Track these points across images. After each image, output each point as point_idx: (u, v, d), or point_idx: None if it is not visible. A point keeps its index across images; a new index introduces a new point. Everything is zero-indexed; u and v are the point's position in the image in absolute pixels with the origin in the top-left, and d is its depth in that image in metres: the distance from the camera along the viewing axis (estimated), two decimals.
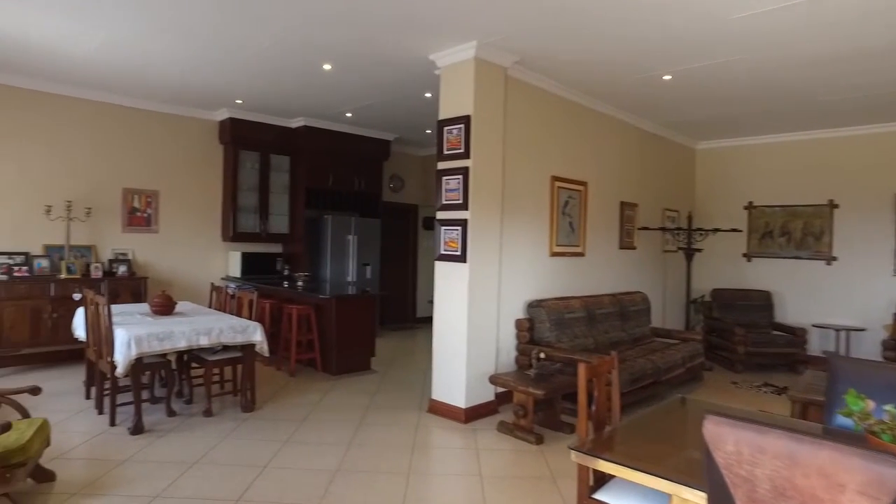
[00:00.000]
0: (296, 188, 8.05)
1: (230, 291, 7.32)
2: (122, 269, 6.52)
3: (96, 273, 6.33)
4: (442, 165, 4.95)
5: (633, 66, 5.05)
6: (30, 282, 5.95)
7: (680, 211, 8.27)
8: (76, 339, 5.26)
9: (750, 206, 8.19)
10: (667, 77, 5.27)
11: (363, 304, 6.44)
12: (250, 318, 4.98)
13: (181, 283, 7.33)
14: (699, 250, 7.42)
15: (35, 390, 3.45)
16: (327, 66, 5.41)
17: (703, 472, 1.52)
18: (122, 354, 4.04)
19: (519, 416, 4.44)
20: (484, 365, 4.95)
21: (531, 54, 4.86)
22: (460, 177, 4.78)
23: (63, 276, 6.16)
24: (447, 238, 4.87)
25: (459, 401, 4.80)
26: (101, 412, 4.60)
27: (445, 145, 4.91)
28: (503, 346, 5.25)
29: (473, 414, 4.83)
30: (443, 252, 4.92)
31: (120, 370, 4.04)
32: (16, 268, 5.98)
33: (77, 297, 6.06)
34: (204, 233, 7.59)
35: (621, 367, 4.89)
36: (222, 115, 7.47)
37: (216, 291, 5.85)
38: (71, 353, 6.12)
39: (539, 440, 4.31)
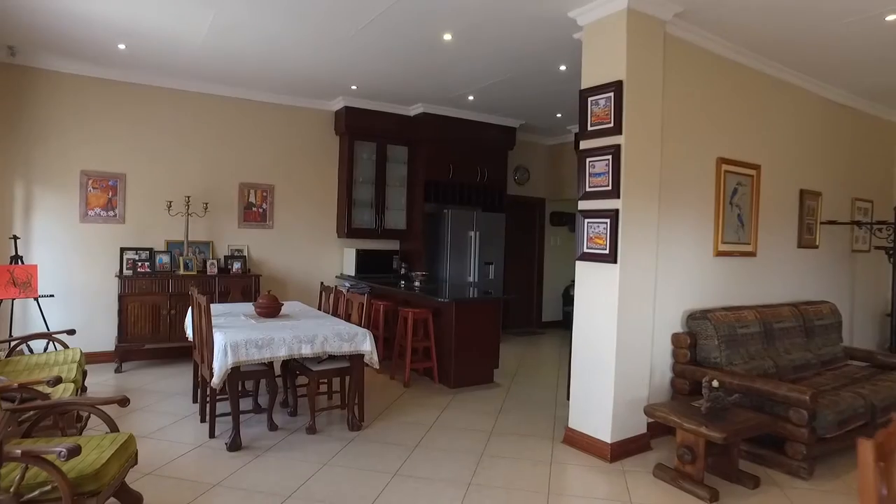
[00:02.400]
0: (414, 181, 7.50)
1: (344, 291, 6.93)
2: (236, 266, 6.31)
3: (212, 269, 6.15)
4: (586, 144, 4.05)
5: (844, 5, 3.82)
6: (150, 277, 5.86)
7: (874, 201, 6.65)
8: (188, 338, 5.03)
9: None
10: (891, 17, 3.95)
11: (486, 309, 5.70)
12: (360, 324, 4.42)
13: (295, 282, 7.05)
14: None
15: (123, 402, 3.04)
16: (447, 37, 4.72)
17: None
18: (218, 362, 3.60)
19: (684, 460, 3.45)
20: (635, 389, 4.00)
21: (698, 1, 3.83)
22: (609, 158, 3.86)
23: (181, 272, 6.03)
24: (592, 233, 3.98)
25: (604, 433, 3.89)
26: (202, 420, 4.24)
27: (590, 120, 4.01)
28: (656, 367, 4.25)
29: (621, 450, 3.90)
30: (586, 250, 4.03)
31: (215, 380, 3.60)
32: (140, 263, 5.93)
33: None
34: (319, 229, 7.26)
35: (821, 403, 3.72)
36: (338, 104, 7.08)
37: (325, 292, 5.38)
38: (188, 350, 5.97)
39: (713, 496, 3.29)
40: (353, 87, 6.44)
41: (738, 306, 4.74)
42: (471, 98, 6.73)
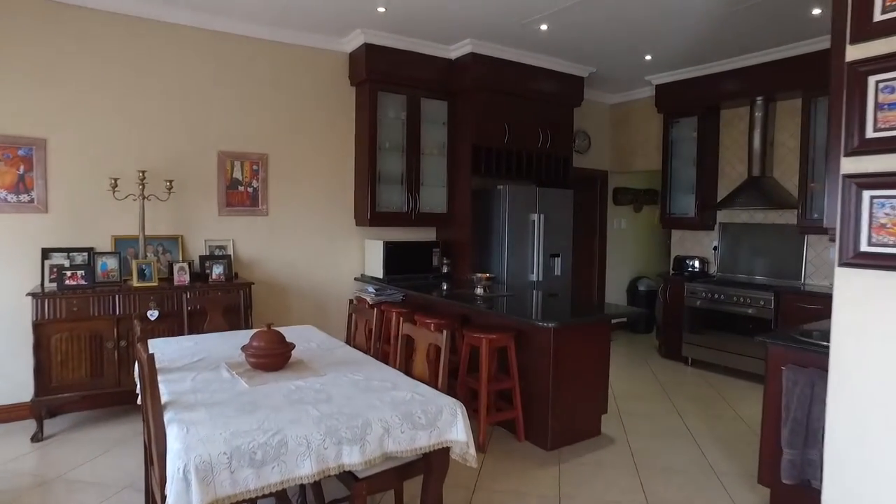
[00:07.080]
0: (457, 146, 5.55)
1: (369, 300, 5.05)
2: (217, 271, 4.37)
3: (181, 278, 4.22)
4: (863, 51, 2.12)
5: None
6: (87, 293, 3.91)
7: None
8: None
9: None
10: None
11: (595, 334, 3.83)
12: (437, 381, 2.51)
13: (299, 289, 5.12)
14: None
15: None
16: None
17: None
18: (173, 498, 1.70)
19: None
20: None
21: None
22: None
23: (134, 283, 4.09)
24: (883, 217, 2.09)
25: None
26: None
27: (879, 5, 2.11)
28: None
29: None
30: (867, 248, 2.14)
31: None
32: (69, 273, 3.96)
33: (153, 315, 3.99)
34: (331, 213, 5.32)
35: None
36: (355, 41, 5.11)
37: (358, 314, 3.43)
38: None
39: None
40: (381, 10, 4.47)
41: None
42: (543, 27, 4.79)
